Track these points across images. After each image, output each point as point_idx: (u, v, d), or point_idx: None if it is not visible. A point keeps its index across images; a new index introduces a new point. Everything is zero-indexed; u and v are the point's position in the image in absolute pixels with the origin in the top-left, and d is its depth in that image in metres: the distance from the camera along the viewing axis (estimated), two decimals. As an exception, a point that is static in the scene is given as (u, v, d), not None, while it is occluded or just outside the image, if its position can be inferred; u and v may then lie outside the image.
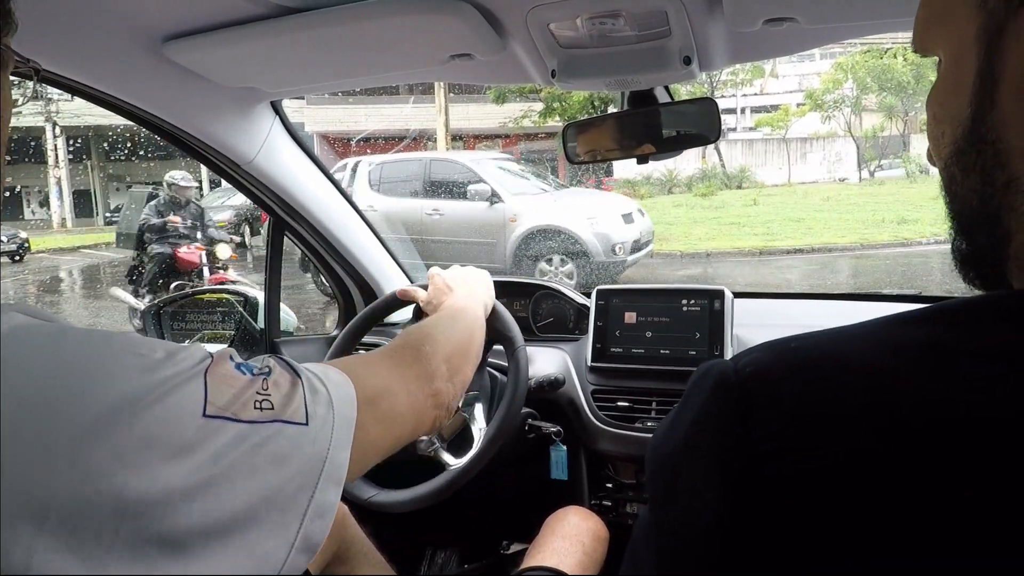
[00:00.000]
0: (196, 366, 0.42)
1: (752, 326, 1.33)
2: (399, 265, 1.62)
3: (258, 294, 1.56)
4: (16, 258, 11.61)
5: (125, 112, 1.02)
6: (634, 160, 1.05)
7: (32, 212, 22.40)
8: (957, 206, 0.35)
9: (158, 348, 0.42)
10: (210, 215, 6.41)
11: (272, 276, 1.50)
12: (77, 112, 15.87)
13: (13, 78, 0.48)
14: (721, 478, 0.33)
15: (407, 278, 1.63)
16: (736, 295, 1.34)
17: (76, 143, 20.21)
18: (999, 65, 0.32)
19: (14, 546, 0.33)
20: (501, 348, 1.14)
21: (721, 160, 16.81)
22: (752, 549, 0.31)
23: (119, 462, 0.36)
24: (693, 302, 1.31)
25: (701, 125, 1.01)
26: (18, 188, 20.98)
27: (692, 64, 0.89)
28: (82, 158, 21.48)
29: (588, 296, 1.42)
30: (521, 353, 1.11)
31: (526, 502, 1.38)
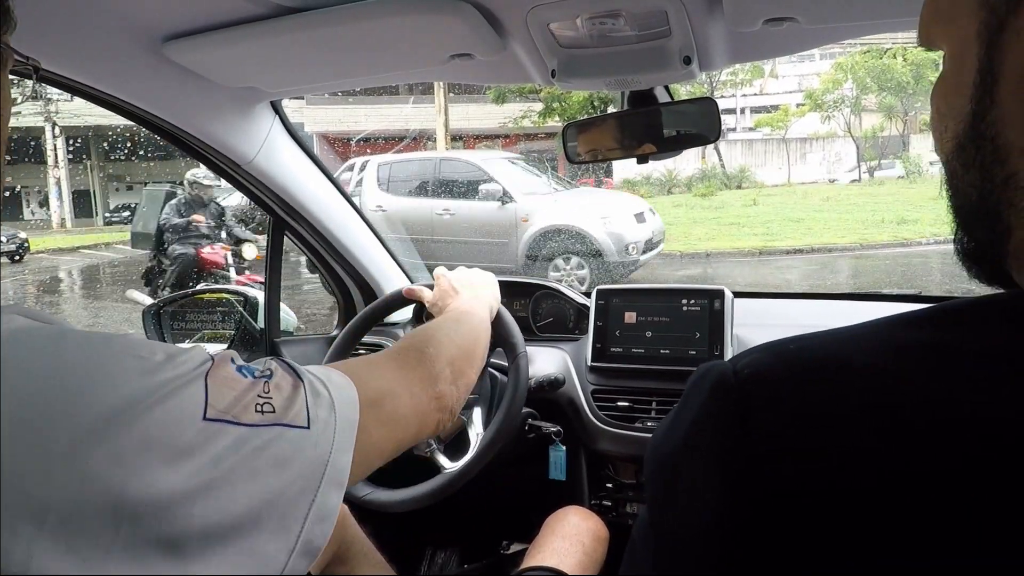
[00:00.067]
0: (197, 369, 0.42)
1: (752, 326, 1.33)
2: (399, 265, 1.62)
3: (258, 294, 1.56)
4: (15, 258, 11.60)
5: (125, 112, 1.02)
6: (634, 160, 1.05)
7: (31, 212, 22.41)
8: (958, 201, 0.35)
9: (158, 350, 0.42)
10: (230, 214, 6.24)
11: (272, 276, 1.50)
12: (77, 112, 15.86)
13: (12, 77, 0.48)
14: (720, 479, 0.33)
15: (407, 278, 1.63)
16: (736, 295, 1.34)
17: (76, 143, 20.21)
18: (999, 62, 0.32)
19: (13, 547, 0.33)
20: (501, 348, 1.14)
21: (721, 160, 16.82)
22: (751, 550, 0.31)
23: (119, 464, 0.35)
24: (693, 302, 1.31)
25: (701, 125, 1.01)
26: (17, 188, 20.97)
27: (692, 64, 0.89)
28: (82, 158, 21.49)
29: (588, 296, 1.42)
30: (522, 360, 1.11)
31: (526, 502, 1.38)
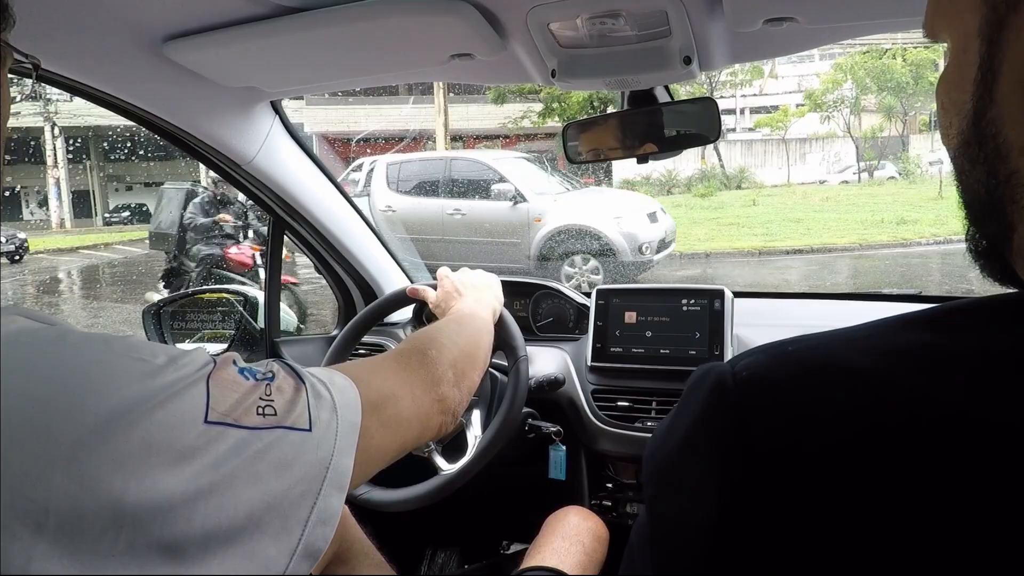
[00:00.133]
0: (198, 371, 0.42)
1: (752, 326, 1.33)
2: (399, 265, 1.62)
3: (258, 294, 1.56)
4: (15, 259, 11.60)
5: (125, 112, 1.02)
6: (634, 160, 1.05)
7: (31, 212, 22.40)
8: (968, 196, 0.35)
9: (160, 353, 0.42)
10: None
11: (272, 276, 1.50)
12: (76, 112, 15.87)
13: (11, 75, 0.48)
14: (719, 479, 0.33)
15: (407, 278, 1.63)
16: (736, 295, 1.34)
17: (75, 143, 20.22)
18: (999, 60, 0.31)
19: (13, 550, 0.32)
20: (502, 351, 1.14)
21: (720, 160, 16.82)
22: (749, 550, 0.31)
23: (119, 468, 0.35)
24: (693, 302, 1.31)
25: (701, 125, 1.01)
26: (17, 188, 20.97)
27: (692, 64, 0.89)
28: (81, 158, 21.49)
29: (588, 296, 1.42)
30: (523, 364, 1.11)
31: (526, 502, 1.38)
